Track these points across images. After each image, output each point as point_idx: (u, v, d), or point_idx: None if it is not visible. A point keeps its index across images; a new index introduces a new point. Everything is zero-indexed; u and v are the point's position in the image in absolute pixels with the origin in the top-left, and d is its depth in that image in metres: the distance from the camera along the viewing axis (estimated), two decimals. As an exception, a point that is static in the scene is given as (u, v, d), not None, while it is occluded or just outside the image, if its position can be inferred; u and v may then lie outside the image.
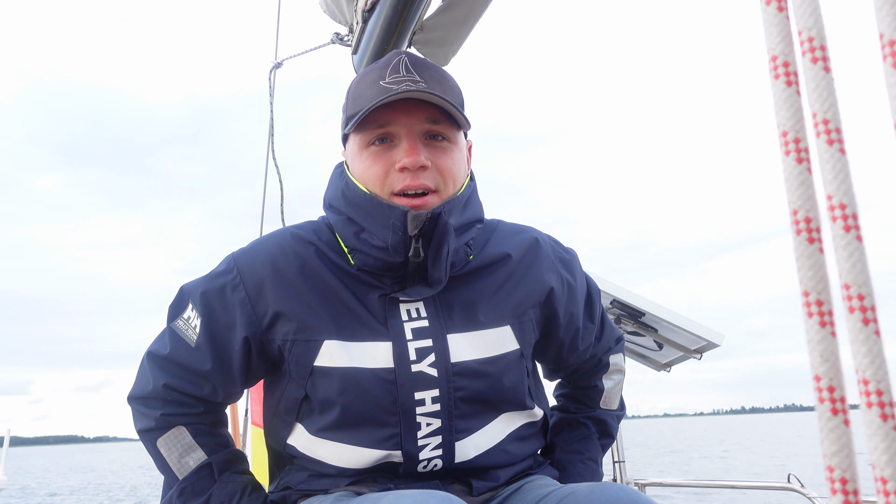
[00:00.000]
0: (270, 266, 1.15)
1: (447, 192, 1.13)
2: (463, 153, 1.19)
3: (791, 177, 0.44)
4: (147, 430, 1.20)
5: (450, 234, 1.09)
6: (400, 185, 1.09)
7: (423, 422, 1.11)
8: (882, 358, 0.40)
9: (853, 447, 0.41)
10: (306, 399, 1.15)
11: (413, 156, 1.08)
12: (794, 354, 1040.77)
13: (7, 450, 2.25)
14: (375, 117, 1.10)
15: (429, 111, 1.11)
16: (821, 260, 0.43)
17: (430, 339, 1.12)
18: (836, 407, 0.41)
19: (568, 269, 1.30)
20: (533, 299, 1.22)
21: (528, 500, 1.10)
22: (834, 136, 0.42)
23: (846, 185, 0.42)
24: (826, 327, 0.42)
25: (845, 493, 0.41)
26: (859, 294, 0.40)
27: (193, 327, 1.17)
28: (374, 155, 1.12)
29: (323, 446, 1.15)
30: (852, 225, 0.41)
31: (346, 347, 1.11)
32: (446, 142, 1.14)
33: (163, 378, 1.18)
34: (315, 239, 1.18)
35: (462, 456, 1.14)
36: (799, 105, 0.45)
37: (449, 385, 1.11)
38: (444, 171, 1.12)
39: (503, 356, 1.17)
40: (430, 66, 1.14)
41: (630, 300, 2.75)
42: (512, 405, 1.20)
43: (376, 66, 1.14)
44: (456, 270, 1.17)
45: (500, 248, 1.23)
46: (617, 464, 2.73)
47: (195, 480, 1.19)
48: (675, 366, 3.28)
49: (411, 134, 1.10)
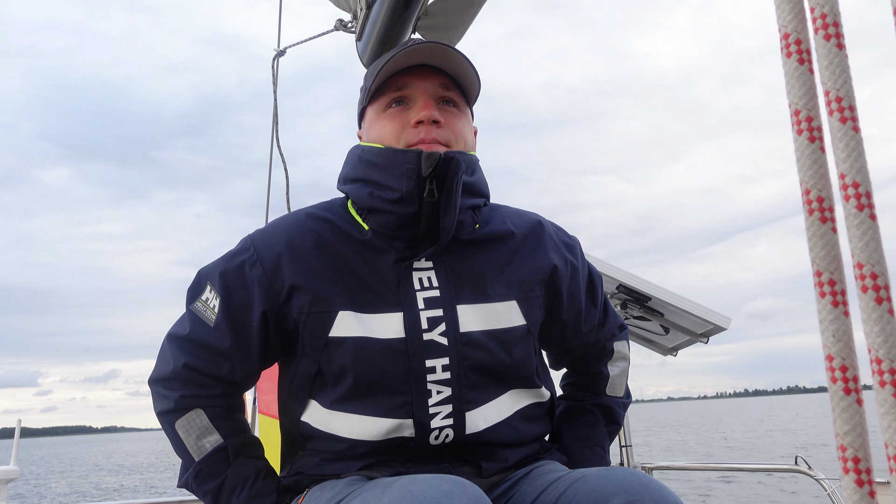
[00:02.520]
0: (286, 243, 1.19)
1: (458, 148, 1.20)
2: (471, 125, 1.27)
3: (804, 156, 0.44)
4: (166, 411, 1.23)
5: (461, 174, 1.15)
6: (415, 139, 1.17)
7: (434, 389, 1.13)
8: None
9: (866, 426, 0.41)
10: (319, 373, 1.18)
11: (428, 109, 1.17)
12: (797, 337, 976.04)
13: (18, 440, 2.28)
14: (392, 81, 1.20)
15: (442, 78, 1.21)
16: (834, 239, 0.43)
17: (440, 309, 1.15)
18: (849, 386, 0.41)
19: (571, 252, 1.33)
20: (538, 277, 1.25)
21: (538, 485, 1.11)
22: (847, 115, 0.42)
23: (860, 163, 0.42)
24: (839, 307, 0.42)
25: (857, 472, 0.41)
26: (873, 273, 0.40)
27: (212, 307, 1.20)
28: (390, 115, 1.20)
29: (336, 419, 1.17)
30: (865, 204, 0.41)
31: (360, 318, 1.14)
32: (456, 109, 1.23)
33: (182, 358, 1.20)
34: (329, 216, 1.23)
35: (472, 427, 1.15)
36: (812, 83, 0.44)
37: (459, 354, 1.14)
38: (455, 131, 1.20)
39: (510, 330, 1.19)
40: (445, 45, 1.23)
41: (636, 285, 2.74)
42: (519, 381, 1.22)
43: (394, 49, 1.22)
44: (464, 234, 1.21)
45: (506, 226, 1.27)
46: (624, 448, 2.75)
47: (211, 463, 1.21)
48: (681, 350, 3.28)
49: (426, 95, 1.20)
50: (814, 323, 0.43)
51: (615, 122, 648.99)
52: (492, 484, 1.17)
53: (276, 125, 2.27)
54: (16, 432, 2.26)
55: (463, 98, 1.25)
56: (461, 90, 1.24)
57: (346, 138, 1.30)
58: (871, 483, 0.40)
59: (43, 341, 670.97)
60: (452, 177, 1.13)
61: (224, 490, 1.21)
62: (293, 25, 2.37)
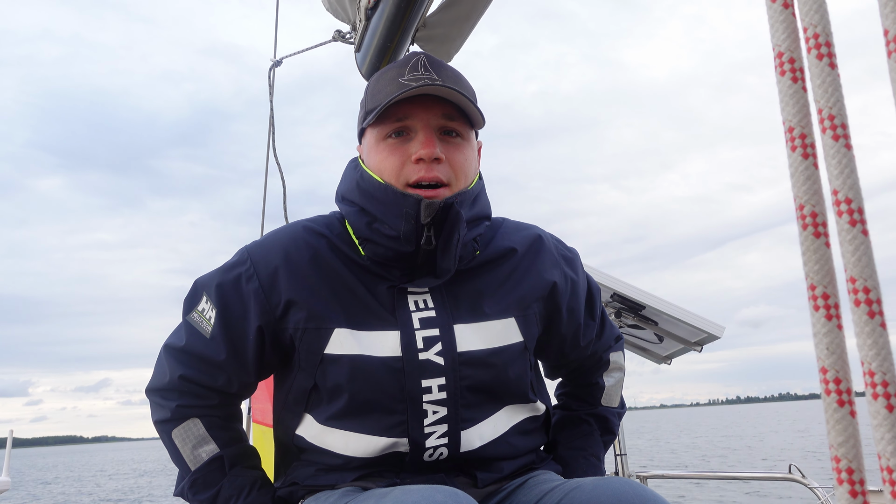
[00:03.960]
0: (283, 256, 1.18)
1: (458, 187, 1.16)
2: (474, 151, 1.22)
3: (797, 172, 0.45)
4: (163, 420, 1.23)
5: (461, 224, 1.12)
6: (415, 177, 1.13)
7: (430, 409, 1.12)
8: (888, 350, 0.40)
9: (859, 438, 0.42)
10: (315, 388, 1.17)
11: (429, 147, 1.13)
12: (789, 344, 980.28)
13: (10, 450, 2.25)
14: (394, 111, 1.15)
15: (444, 108, 1.15)
16: (827, 254, 0.43)
17: (437, 329, 1.15)
18: (843, 398, 0.42)
19: (571, 267, 1.32)
20: (537, 293, 1.24)
21: (533, 495, 1.11)
22: (840, 132, 0.43)
23: (852, 179, 0.42)
24: (832, 320, 0.43)
25: (851, 483, 0.41)
26: (865, 287, 0.41)
27: (208, 319, 1.20)
28: (390, 147, 1.16)
29: (331, 435, 1.16)
30: (858, 219, 0.42)
31: (356, 336, 1.13)
32: (459, 138, 1.18)
33: (179, 369, 1.21)
34: (327, 232, 1.21)
35: (467, 445, 1.15)
36: (805, 101, 0.45)
37: (455, 374, 1.13)
38: (456, 166, 1.16)
39: (508, 347, 1.18)
40: (447, 66, 1.19)
41: (630, 293, 2.75)
42: (515, 397, 1.21)
43: (396, 64, 1.19)
44: (463, 264, 1.20)
45: (506, 243, 1.26)
46: (619, 457, 2.75)
47: (206, 473, 1.21)
48: (675, 358, 3.29)
49: (427, 127, 1.15)
50: (805, 330, 0.44)
51: (609, 131, 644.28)
52: (486, 494, 1.18)
53: (273, 134, 2.28)
54: (8, 442, 2.25)
55: (467, 123, 1.19)
56: (465, 115, 1.18)
57: (342, 147, 1.29)
58: (864, 494, 0.41)
59: (34, 350, 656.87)
60: (452, 226, 1.12)
61: (219, 500, 1.21)
62: (290, 35, 2.38)
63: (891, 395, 0.40)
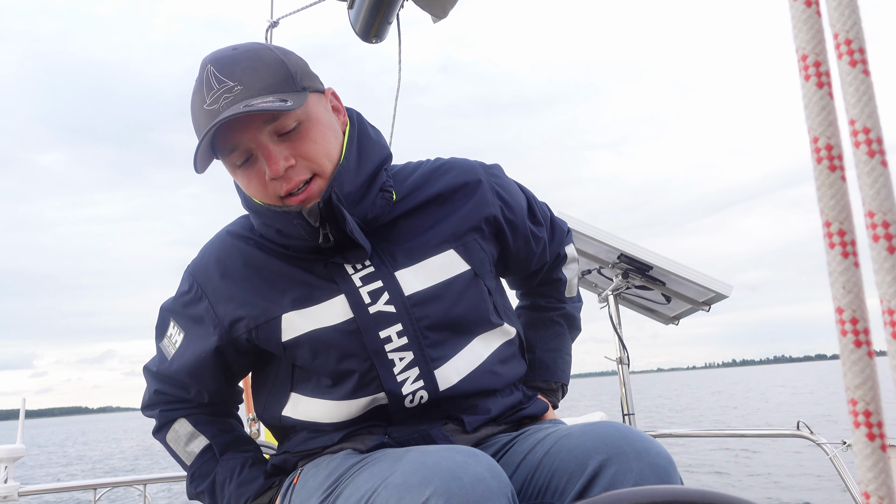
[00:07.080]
0: (219, 269, 1.22)
1: (327, 168, 1.11)
2: (323, 119, 1.13)
3: (811, 102, 0.42)
4: (156, 430, 1.34)
5: (346, 211, 1.11)
6: (283, 190, 1.10)
7: (396, 357, 1.14)
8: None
9: (877, 380, 0.40)
10: (289, 371, 1.22)
11: (272, 165, 1.07)
12: (785, 307, 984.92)
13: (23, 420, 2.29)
14: (222, 144, 1.09)
15: (262, 115, 1.07)
16: (843, 188, 0.41)
17: (379, 281, 1.16)
18: (860, 339, 0.40)
19: (500, 185, 1.31)
20: (469, 222, 1.24)
21: (526, 445, 1.11)
22: (857, 57, 0.40)
23: (870, 108, 0.40)
24: (849, 258, 0.40)
25: (869, 426, 0.40)
26: (884, 221, 0.39)
27: (174, 343, 1.29)
28: (244, 175, 1.12)
29: (314, 406, 1.19)
30: (877, 150, 0.39)
31: (304, 314, 1.16)
32: (297, 126, 1.09)
33: (154, 385, 1.33)
34: (249, 233, 1.24)
35: (445, 382, 1.15)
36: (819, 26, 0.42)
37: (410, 316, 1.15)
38: (311, 155, 1.10)
39: (455, 279, 1.19)
40: (239, 60, 1.08)
41: (637, 254, 2.73)
42: (480, 325, 1.21)
43: (196, 84, 1.10)
44: (386, 217, 1.20)
45: (429, 188, 1.26)
46: (627, 416, 2.75)
47: (200, 464, 1.28)
48: (683, 318, 3.27)
49: (261, 145, 1.08)
50: (801, 293, 0.42)
51: (610, 98, 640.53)
52: (478, 441, 1.18)
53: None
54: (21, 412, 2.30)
55: (293, 107, 1.04)
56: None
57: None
58: (882, 437, 0.39)
59: (38, 323, 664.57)
60: (342, 215, 1.10)
61: (216, 486, 1.25)
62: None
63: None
